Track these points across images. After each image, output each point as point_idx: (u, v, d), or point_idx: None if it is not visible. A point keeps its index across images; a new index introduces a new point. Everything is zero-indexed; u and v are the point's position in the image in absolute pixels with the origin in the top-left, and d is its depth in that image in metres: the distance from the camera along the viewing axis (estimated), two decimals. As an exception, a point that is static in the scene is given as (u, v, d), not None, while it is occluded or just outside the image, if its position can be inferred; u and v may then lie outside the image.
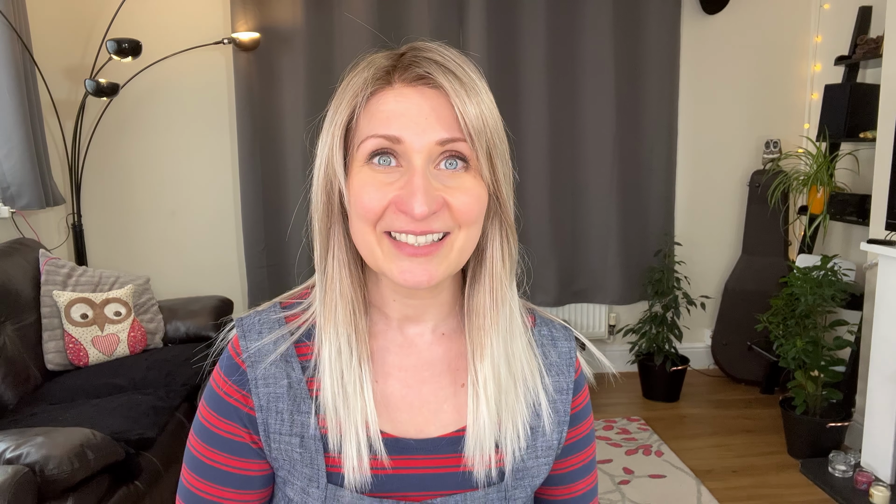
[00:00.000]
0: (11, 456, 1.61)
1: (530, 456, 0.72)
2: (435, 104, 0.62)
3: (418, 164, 0.61)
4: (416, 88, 0.62)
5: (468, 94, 0.61)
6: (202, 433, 0.72)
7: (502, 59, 3.32)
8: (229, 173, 3.33)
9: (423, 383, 0.71)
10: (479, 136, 0.62)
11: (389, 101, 0.62)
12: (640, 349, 3.37)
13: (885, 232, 2.42)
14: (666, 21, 3.38)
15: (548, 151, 3.39)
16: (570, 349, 0.77)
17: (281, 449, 0.69)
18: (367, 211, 0.62)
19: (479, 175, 0.64)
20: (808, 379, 2.67)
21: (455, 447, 0.69)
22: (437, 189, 0.62)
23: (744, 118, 3.59)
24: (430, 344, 0.72)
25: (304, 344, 0.71)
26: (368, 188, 0.62)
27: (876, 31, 3.03)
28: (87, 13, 3.09)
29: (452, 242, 0.64)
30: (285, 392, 0.69)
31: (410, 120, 0.61)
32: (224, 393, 0.71)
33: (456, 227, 0.64)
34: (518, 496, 0.72)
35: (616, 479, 2.60)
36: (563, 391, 0.75)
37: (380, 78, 0.63)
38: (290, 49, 3.18)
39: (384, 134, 0.61)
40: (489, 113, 0.63)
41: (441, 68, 0.62)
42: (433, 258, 0.63)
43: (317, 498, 0.68)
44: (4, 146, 2.66)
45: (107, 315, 2.53)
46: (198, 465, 0.71)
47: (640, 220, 3.52)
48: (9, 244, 2.52)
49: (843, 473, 2.53)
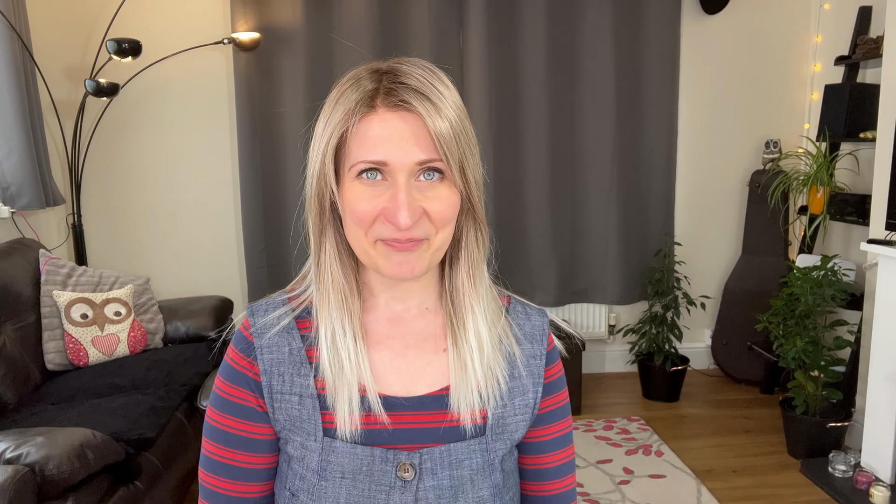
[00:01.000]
0: (11, 456, 1.61)
1: (509, 413, 0.81)
2: (413, 127, 0.71)
3: (401, 180, 0.71)
4: (396, 113, 0.71)
5: (440, 115, 0.71)
6: (216, 401, 0.81)
7: (502, 59, 3.32)
8: (229, 173, 3.33)
9: (408, 349, 0.81)
10: (452, 153, 0.72)
11: (375, 126, 0.71)
12: (640, 349, 3.37)
13: (885, 232, 2.42)
14: (666, 21, 3.38)
15: (548, 151, 3.39)
16: (543, 323, 0.88)
17: (283, 408, 0.78)
18: (361, 219, 0.73)
19: (452, 184, 0.74)
20: (808, 379, 2.67)
21: (439, 404, 0.79)
22: (417, 200, 0.72)
23: (744, 118, 3.58)
24: (415, 317, 0.83)
25: (305, 319, 0.81)
26: (360, 201, 0.72)
27: (876, 31, 3.03)
28: (87, 13, 3.10)
29: (430, 243, 0.74)
30: (287, 358, 0.79)
31: (393, 143, 0.71)
32: (234, 362, 0.81)
33: (433, 231, 0.74)
34: (498, 448, 0.81)
35: (616, 479, 2.60)
36: (536, 356, 0.85)
37: (366, 104, 0.72)
38: (290, 49, 3.18)
39: (373, 160, 0.71)
40: (459, 126, 0.73)
41: (416, 94, 0.71)
42: (415, 253, 0.73)
43: (314, 450, 0.77)
44: (4, 146, 2.66)
45: (107, 315, 2.53)
46: (213, 431, 0.81)
47: (640, 220, 3.52)
48: (9, 244, 2.52)
49: (843, 473, 2.53)
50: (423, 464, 0.77)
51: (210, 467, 0.81)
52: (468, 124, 0.75)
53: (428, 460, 0.77)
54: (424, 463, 0.77)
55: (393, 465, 0.76)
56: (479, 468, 0.79)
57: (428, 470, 0.77)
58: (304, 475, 0.78)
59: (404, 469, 0.76)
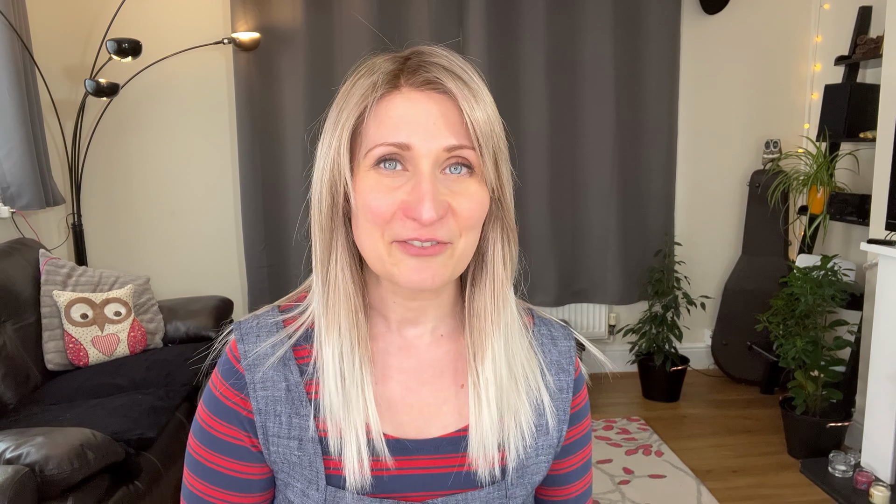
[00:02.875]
0: (11, 456, 1.61)
1: (531, 454, 0.73)
2: (444, 109, 0.62)
3: (426, 169, 0.61)
4: (424, 93, 0.62)
5: (476, 99, 0.62)
6: (202, 436, 0.72)
7: (502, 59, 3.32)
8: (229, 173, 3.33)
9: (422, 385, 0.71)
10: (487, 142, 0.62)
11: (398, 106, 0.62)
12: (640, 349, 3.37)
13: (885, 232, 2.41)
14: (666, 21, 3.38)
15: (548, 151, 3.39)
16: (570, 348, 0.78)
17: (279, 452, 0.69)
18: (376, 215, 0.62)
19: (482, 180, 0.64)
20: (808, 379, 2.67)
21: (456, 447, 0.70)
22: (443, 194, 0.62)
23: (744, 118, 3.58)
24: (429, 345, 0.72)
25: (302, 347, 0.71)
26: (376, 193, 0.62)
27: (876, 31, 3.02)
28: (87, 13, 3.10)
29: (454, 249, 0.64)
30: (283, 395, 0.69)
31: (419, 125, 0.61)
32: (223, 396, 0.71)
33: (458, 235, 0.64)
34: (518, 494, 0.73)
35: (616, 479, 2.60)
36: (563, 390, 0.75)
37: (388, 81, 0.63)
38: (290, 49, 3.18)
39: (394, 142, 0.61)
40: (495, 118, 0.64)
41: (449, 73, 0.62)
42: (436, 259, 0.63)
43: (316, 500, 0.68)
44: (4, 146, 2.66)
45: (107, 315, 2.53)
46: (199, 468, 0.72)
47: (640, 220, 3.52)
48: (9, 244, 2.52)
49: (843, 473, 2.53)
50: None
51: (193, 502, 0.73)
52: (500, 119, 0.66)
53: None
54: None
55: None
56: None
57: None
58: None
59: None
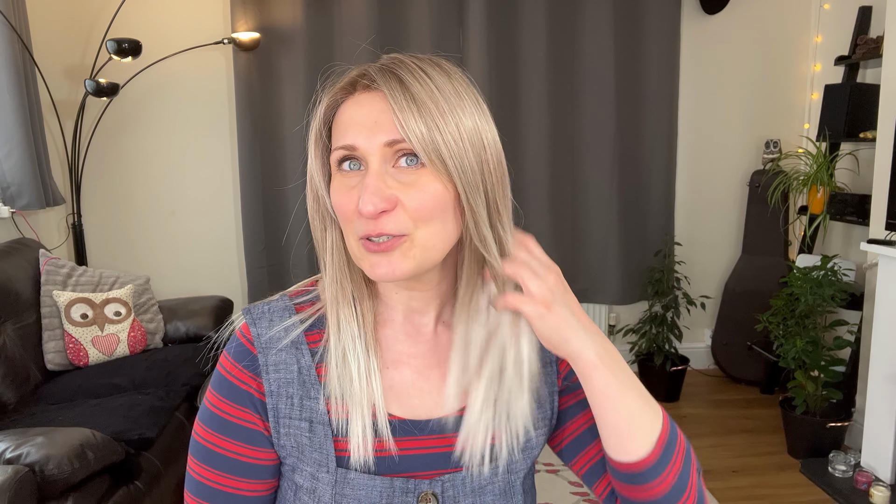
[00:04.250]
0: (11, 456, 1.61)
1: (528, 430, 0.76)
2: (383, 107, 0.64)
3: (373, 165, 0.64)
4: (369, 94, 0.66)
5: (407, 91, 0.63)
6: (212, 421, 0.72)
7: (502, 59, 3.32)
8: (229, 173, 3.33)
9: (431, 368, 0.74)
10: (418, 135, 0.62)
11: (348, 110, 0.67)
12: (640, 349, 3.37)
13: (885, 232, 2.42)
14: (666, 21, 3.38)
15: (548, 151, 3.39)
16: None
17: (290, 434, 0.71)
18: (341, 214, 0.67)
19: (435, 173, 0.64)
20: (808, 379, 2.66)
21: (457, 426, 0.72)
22: (391, 187, 0.63)
23: (744, 118, 3.58)
24: (433, 332, 0.75)
25: (314, 332, 0.73)
26: (339, 193, 0.67)
27: (876, 31, 3.02)
28: (87, 13, 3.10)
29: (412, 241, 0.65)
30: (295, 377, 0.71)
31: (362, 125, 0.65)
32: (235, 378, 0.72)
33: (413, 227, 0.64)
34: (520, 468, 0.76)
35: (616, 479, 2.60)
36: (549, 363, 0.78)
37: (345, 88, 0.68)
38: (290, 49, 3.18)
39: (343, 144, 0.66)
40: (435, 109, 0.63)
41: (384, 72, 0.65)
42: (393, 253, 0.65)
43: (326, 482, 0.70)
44: (4, 146, 2.66)
45: (107, 315, 2.53)
46: (208, 454, 0.72)
47: (640, 220, 3.52)
48: (9, 244, 2.52)
49: (843, 473, 2.53)
50: (444, 492, 0.71)
51: (200, 492, 0.72)
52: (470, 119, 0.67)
53: (450, 488, 0.71)
54: (447, 491, 0.71)
55: (414, 495, 0.70)
56: (502, 492, 0.74)
57: (450, 498, 0.71)
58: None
59: (426, 499, 0.71)
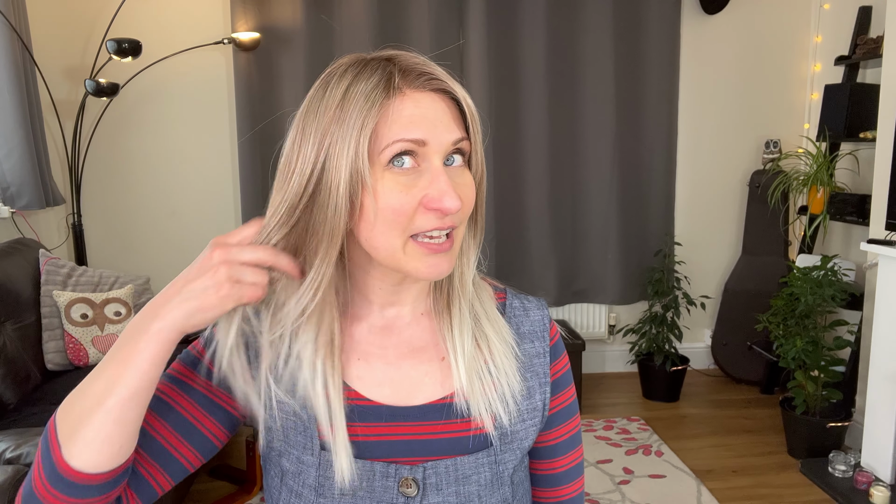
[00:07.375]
0: (11, 456, 1.61)
1: (517, 420, 0.76)
2: (446, 106, 0.67)
3: (438, 163, 0.66)
4: (426, 93, 0.67)
5: (467, 91, 0.69)
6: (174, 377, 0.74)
7: (502, 59, 3.32)
8: (229, 173, 3.33)
9: (402, 359, 0.75)
10: (477, 130, 0.70)
11: (408, 107, 0.65)
12: (640, 349, 3.37)
13: (885, 232, 2.42)
14: (666, 21, 3.38)
15: (548, 151, 3.39)
16: (543, 317, 0.82)
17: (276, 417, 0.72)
18: (399, 214, 0.65)
19: (468, 168, 0.71)
20: (808, 379, 2.67)
21: (440, 414, 0.73)
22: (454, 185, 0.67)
23: (744, 118, 3.59)
24: (409, 324, 0.76)
25: None
26: (397, 193, 0.65)
27: (876, 31, 3.03)
28: (87, 13, 3.10)
29: (456, 235, 0.69)
30: None
31: (431, 122, 0.65)
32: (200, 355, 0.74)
33: (460, 220, 0.69)
34: (507, 460, 0.75)
35: (616, 479, 2.60)
36: (539, 355, 0.79)
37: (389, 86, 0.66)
38: (290, 49, 3.18)
39: (411, 138, 0.65)
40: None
41: (440, 72, 0.68)
42: (449, 253, 0.68)
43: (310, 465, 0.71)
44: (4, 146, 2.66)
45: (107, 315, 2.53)
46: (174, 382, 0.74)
47: (640, 220, 3.52)
48: (9, 244, 2.52)
49: (843, 473, 2.53)
50: (426, 478, 0.71)
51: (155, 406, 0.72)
52: None
53: (432, 475, 0.72)
54: (429, 478, 0.71)
55: (395, 479, 0.71)
56: (488, 483, 0.73)
57: (432, 485, 0.71)
58: (300, 492, 0.72)
59: (407, 484, 0.71)
